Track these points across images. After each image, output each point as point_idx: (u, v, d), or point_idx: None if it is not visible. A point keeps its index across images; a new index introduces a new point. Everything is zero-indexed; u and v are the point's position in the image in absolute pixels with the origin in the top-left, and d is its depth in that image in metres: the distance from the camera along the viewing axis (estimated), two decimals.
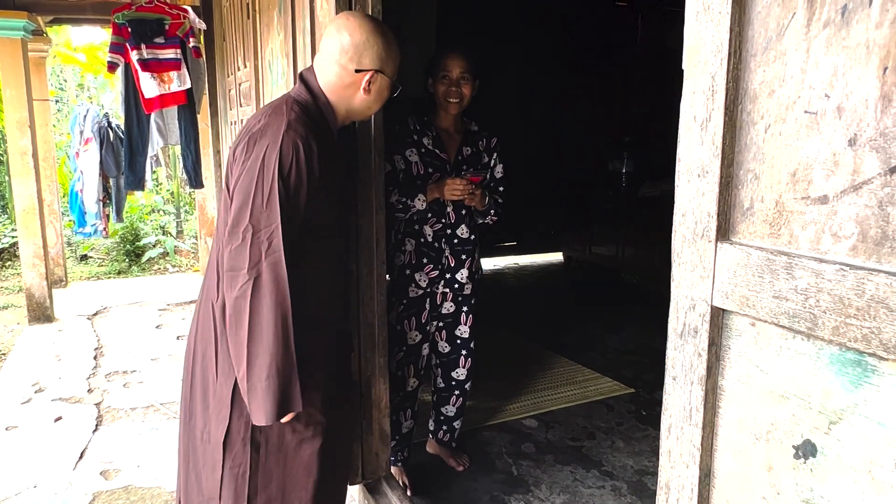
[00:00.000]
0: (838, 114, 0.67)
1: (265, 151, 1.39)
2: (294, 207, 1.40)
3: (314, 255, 1.51)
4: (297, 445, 1.55)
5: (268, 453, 1.53)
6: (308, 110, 1.50)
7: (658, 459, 0.93)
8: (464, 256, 2.31)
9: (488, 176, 2.35)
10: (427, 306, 2.32)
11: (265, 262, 1.36)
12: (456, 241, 2.29)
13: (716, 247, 0.80)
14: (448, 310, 2.37)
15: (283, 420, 1.47)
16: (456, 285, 2.32)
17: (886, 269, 0.62)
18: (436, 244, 2.27)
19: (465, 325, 2.42)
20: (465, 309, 2.40)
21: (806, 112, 0.70)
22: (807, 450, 0.73)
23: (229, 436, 1.51)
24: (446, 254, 2.28)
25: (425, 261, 2.27)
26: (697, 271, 0.83)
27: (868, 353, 0.64)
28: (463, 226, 2.29)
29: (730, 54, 0.76)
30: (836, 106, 0.67)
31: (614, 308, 5.00)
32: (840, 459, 0.69)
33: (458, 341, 2.43)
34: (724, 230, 0.80)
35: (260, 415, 1.41)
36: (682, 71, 0.84)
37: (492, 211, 2.32)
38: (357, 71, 1.52)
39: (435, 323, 2.39)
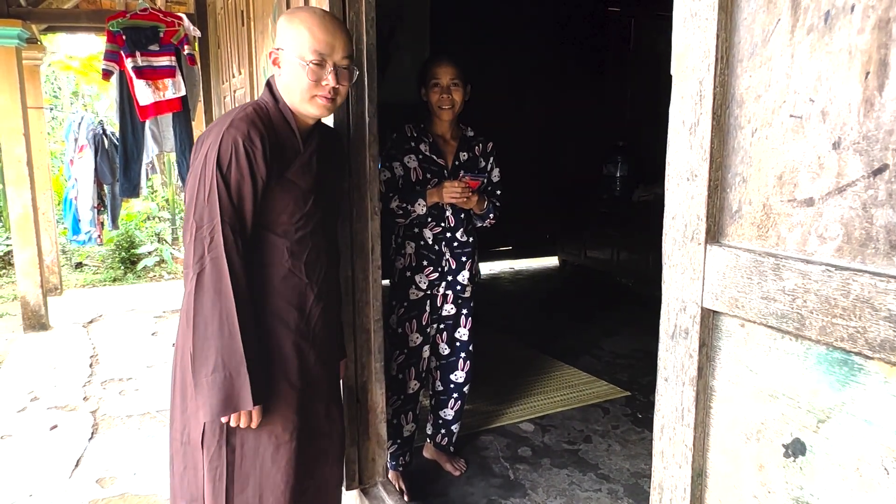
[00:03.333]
0: (822, 118, 0.68)
1: (207, 150, 1.43)
2: (239, 203, 1.42)
3: (279, 252, 1.53)
4: (273, 450, 1.54)
5: (243, 456, 1.53)
6: (266, 112, 1.53)
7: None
8: (464, 259, 2.33)
9: (485, 181, 2.37)
10: (427, 308, 2.34)
11: (207, 257, 1.39)
12: (456, 243, 2.31)
13: (705, 249, 0.81)
14: (448, 312, 2.39)
15: (239, 422, 1.45)
16: (458, 287, 2.35)
17: (871, 269, 0.64)
18: (436, 247, 2.29)
19: (465, 327, 2.44)
20: (464, 311, 2.42)
21: (791, 116, 0.71)
22: (796, 448, 0.74)
23: (205, 437, 1.51)
24: (447, 256, 2.31)
25: (425, 263, 2.29)
26: (687, 273, 0.84)
27: (854, 352, 0.66)
28: (462, 229, 2.31)
29: (717, 60, 0.78)
30: (821, 110, 0.68)
31: (609, 312, 5.01)
32: (829, 457, 0.70)
33: (458, 344, 2.45)
34: (713, 233, 0.81)
35: (205, 410, 1.41)
36: (672, 78, 0.86)
37: (490, 214, 2.35)
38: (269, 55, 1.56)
39: (435, 325, 2.41)
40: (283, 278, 1.54)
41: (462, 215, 2.31)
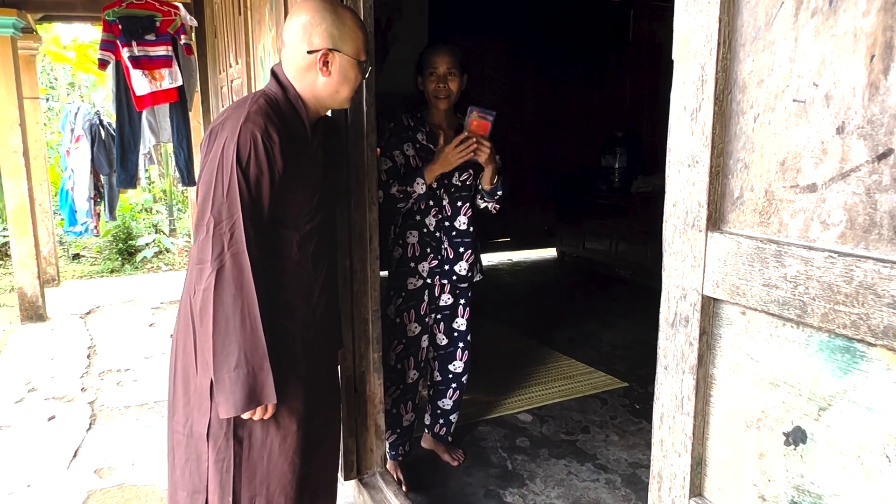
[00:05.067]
0: (826, 102, 0.67)
1: (224, 144, 1.40)
2: (257, 197, 1.41)
3: (288, 245, 1.52)
4: (281, 440, 1.54)
5: (251, 447, 1.52)
6: (276, 103, 1.50)
7: (652, 452, 0.94)
8: (462, 249, 2.31)
9: (493, 119, 2.28)
10: (425, 298, 2.33)
11: (227, 252, 1.37)
12: (454, 232, 2.30)
13: (706, 236, 0.80)
14: (446, 302, 2.38)
15: (254, 415, 1.45)
16: (454, 277, 2.33)
17: (874, 255, 0.63)
18: (437, 234, 2.28)
19: (463, 317, 2.43)
20: (462, 302, 2.41)
21: (794, 101, 0.70)
22: (797, 436, 0.73)
23: (211, 429, 1.50)
24: (445, 245, 2.29)
25: (428, 251, 2.28)
26: (688, 261, 0.83)
27: (857, 339, 0.65)
28: (461, 216, 2.29)
29: (719, 44, 0.77)
30: (825, 94, 0.67)
31: (608, 303, 5.01)
32: (830, 445, 0.70)
33: (456, 334, 2.44)
34: (715, 219, 0.80)
35: (228, 406, 1.40)
36: (674, 63, 0.85)
37: (499, 192, 2.28)
38: (309, 52, 1.50)
39: (433, 315, 2.40)
40: (292, 271, 1.54)
41: (459, 203, 2.29)
